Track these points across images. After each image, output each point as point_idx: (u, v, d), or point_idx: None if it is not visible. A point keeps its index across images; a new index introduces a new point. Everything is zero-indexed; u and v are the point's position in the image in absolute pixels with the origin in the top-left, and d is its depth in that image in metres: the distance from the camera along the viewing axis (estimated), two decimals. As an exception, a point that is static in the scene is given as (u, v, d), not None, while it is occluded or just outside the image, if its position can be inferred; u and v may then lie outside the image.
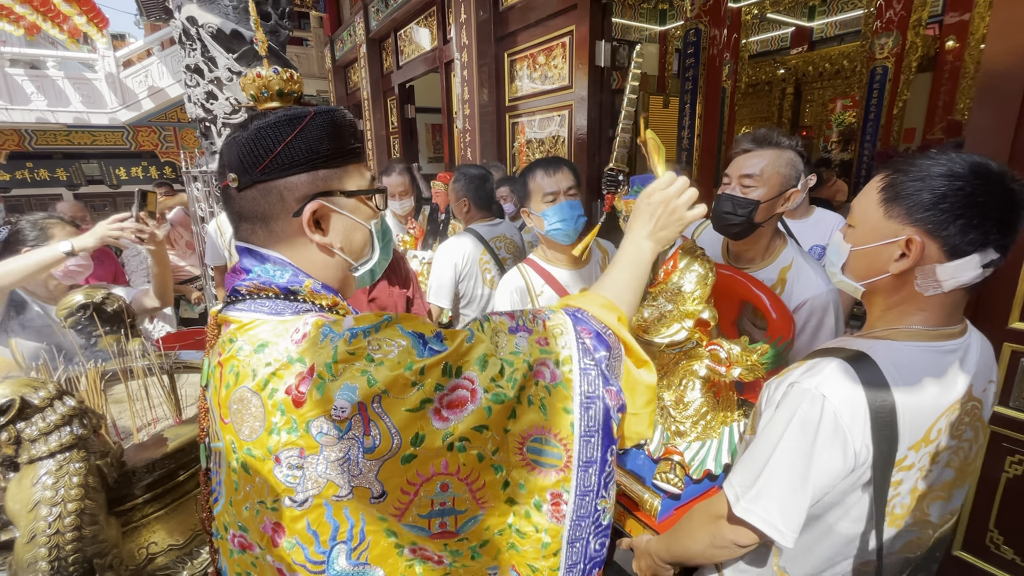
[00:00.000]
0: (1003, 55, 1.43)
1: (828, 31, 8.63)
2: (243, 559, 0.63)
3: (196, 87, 3.09)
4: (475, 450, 0.58)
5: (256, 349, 0.59)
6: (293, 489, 0.56)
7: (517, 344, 0.62)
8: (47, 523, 0.79)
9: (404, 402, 0.55)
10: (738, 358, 1.00)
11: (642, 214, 0.82)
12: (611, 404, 0.64)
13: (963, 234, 0.71)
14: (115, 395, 1.40)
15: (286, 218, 0.66)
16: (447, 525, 0.60)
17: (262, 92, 0.72)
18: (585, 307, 0.71)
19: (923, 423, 0.76)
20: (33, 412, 0.81)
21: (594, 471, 0.64)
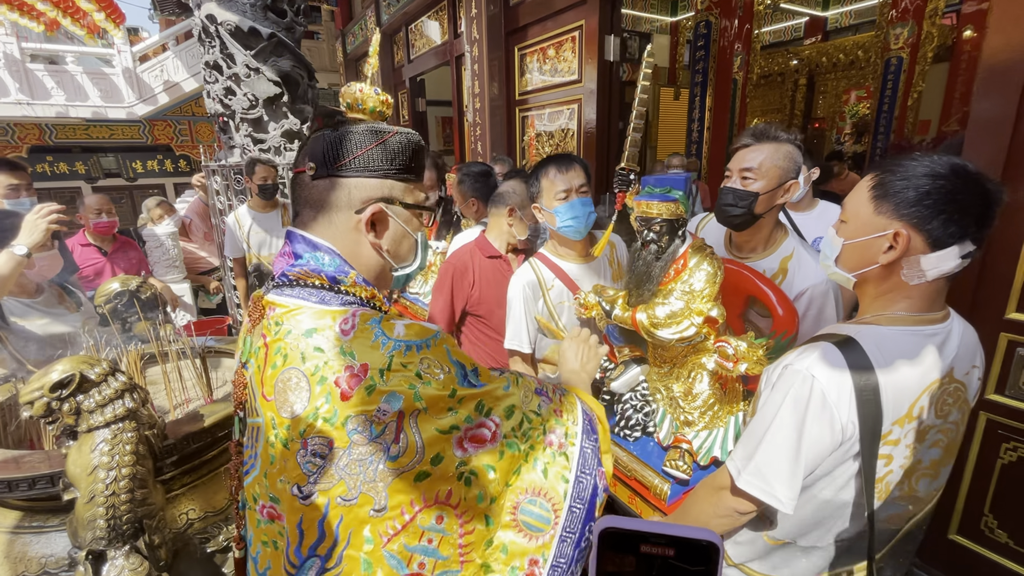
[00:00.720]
0: (1003, 50, 1.46)
1: (843, 21, 8.50)
2: (270, 528, 0.67)
3: (215, 83, 3.18)
4: (478, 490, 0.64)
5: (305, 334, 0.64)
6: (305, 478, 0.60)
7: (540, 406, 0.71)
8: (104, 485, 0.88)
9: (437, 423, 0.62)
10: (745, 354, 1.05)
11: (569, 357, 1.00)
12: (599, 484, 0.73)
13: (945, 227, 0.78)
14: (150, 377, 1.50)
15: (348, 213, 0.72)
16: (425, 567, 0.63)
17: (357, 104, 0.82)
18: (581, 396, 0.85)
19: (905, 400, 0.82)
20: (90, 386, 0.90)
21: (571, 543, 0.70)
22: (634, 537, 0.31)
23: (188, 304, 3.62)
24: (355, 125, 0.73)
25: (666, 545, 0.30)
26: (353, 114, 0.82)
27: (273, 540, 0.67)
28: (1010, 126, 1.47)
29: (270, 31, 3.11)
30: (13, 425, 1.21)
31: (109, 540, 0.89)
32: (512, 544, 0.67)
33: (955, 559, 1.79)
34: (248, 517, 0.72)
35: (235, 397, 0.75)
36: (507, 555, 0.67)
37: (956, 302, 1.58)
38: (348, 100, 0.82)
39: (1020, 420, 1.58)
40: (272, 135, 3.28)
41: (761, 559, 0.97)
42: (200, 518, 1.12)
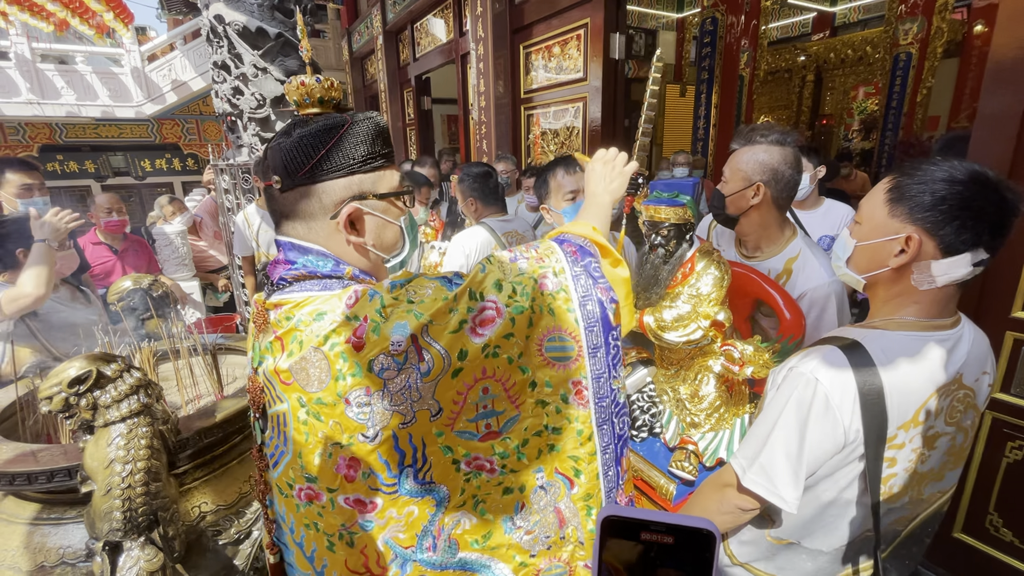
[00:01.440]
0: (1010, 47, 1.46)
1: (851, 16, 8.42)
2: (310, 511, 0.71)
3: (223, 83, 3.21)
4: (505, 354, 0.70)
5: (315, 318, 0.67)
6: (364, 425, 0.65)
7: (520, 267, 0.74)
8: (120, 478, 0.90)
9: (447, 327, 0.67)
10: (751, 357, 1.06)
11: (595, 178, 0.98)
12: (603, 298, 0.76)
13: (958, 234, 0.77)
14: (162, 373, 1.53)
15: (324, 218, 0.73)
16: (491, 426, 0.72)
17: (304, 99, 0.78)
18: (565, 231, 0.87)
19: (911, 405, 0.82)
20: (106, 382, 0.92)
21: (602, 355, 0.76)
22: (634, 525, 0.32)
23: (197, 301, 3.66)
24: (307, 126, 0.71)
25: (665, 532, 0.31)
26: (305, 110, 0.78)
27: (314, 522, 0.71)
28: (1017, 123, 1.47)
29: (277, 31, 3.13)
30: (31, 420, 1.24)
31: (125, 531, 0.92)
32: (552, 377, 0.74)
33: (960, 558, 1.79)
34: (286, 507, 0.75)
35: (252, 402, 0.77)
36: (552, 387, 0.74)
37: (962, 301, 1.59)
38: (295, 98, 0.78)
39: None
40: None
41: (767, 559, 0.98)
42: (212, 511, 1.15)
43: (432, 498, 0.71)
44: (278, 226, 0.77)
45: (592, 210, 0.94)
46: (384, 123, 0.78)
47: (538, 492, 0.77)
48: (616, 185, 0.97)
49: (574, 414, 0.76)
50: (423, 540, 0.71)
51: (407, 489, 0.69)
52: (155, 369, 1.43)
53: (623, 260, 0.85)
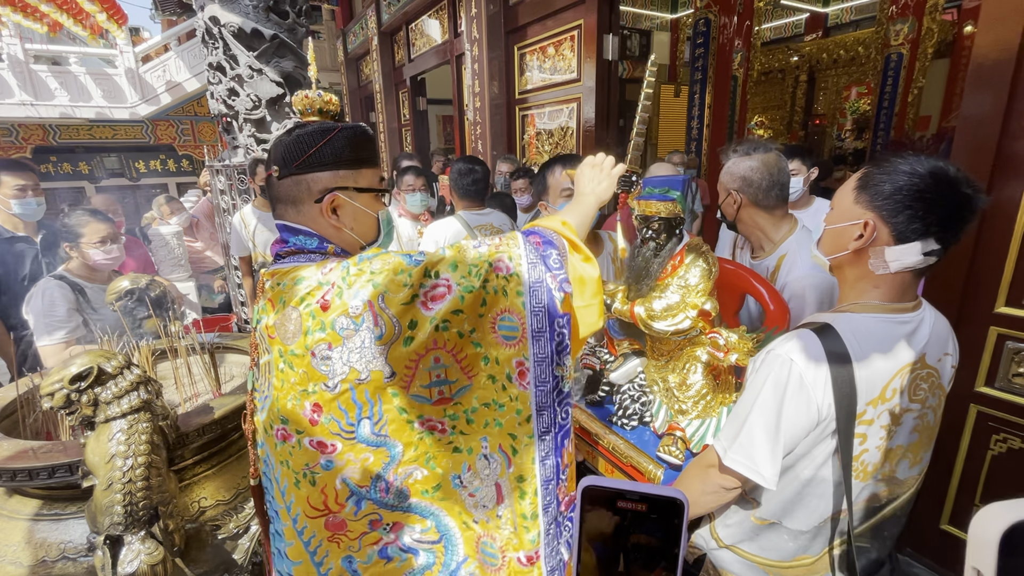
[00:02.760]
0: (992, 48, 1.49)
1: (843, 17, 8.49)
2: (283, 448, 0.80)
3: (219, 84, 3.22)
4: (455, 328, 0.77)
5: (296, 282, 0.78)
6: (326, 376, 0.74)
7: (479, 252, 0.81)
8: (122, 472, 0.92)
9: (399, 298, 0.74)
10: (735, 345, 1.10)
11: (582, 179, 1.05)
12: (552, 285, 0.81)
13: (909, 223, 0.83)
14: (160, 372, 1.54)
15: (310, 203, 0.86)
16: (444, 392, 0.79)
17: (307, 108, 0.92)
18: (535, 224, 0.93)
19: (878, 382, 0.87)
20: (107, 379, 0.94)
21: (545, 340, 0.81)
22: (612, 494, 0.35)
23: (193, 302, 3.67)
24: (306, 128, 0.85)
25: (639, 501, 0.34)
26: (306, 118, 0.92)
27: (285, 460, 0.80)
28: (998, 123, 1.51)
29: (272, 32, 3.14)
30: (31, 418, 1.25)
31: (126, 525, 0.93)
32: (500, 353, 0.80)
33: (947, 548, 1.83)
34: (268, 446, 0.83)
35: (251, 354, 0.90)
36: (500, 364, 0.81)
37: (947, 297, 1.63)
38: (299, 108, 0.92)
39: (1009, 412, 1.62)
40: (275, 135, 3.32)
41: (750, 540, 1.01)
42: (212, 505, 1.17)
43: (387, 450, 0.78)
44: (275, 210, 0.90)
45: (574, 208, 1.00)
46: (369, 132, 0.91)
47: (482, 460, 0.83)
48: (603, 187, 1.03)
49: (515, 393, 0.81)
50: (376, 483, 0.79)
51: (363, 437, 0.77)
52: (154, 368, 1.45)
53: (592, 258, 0.89)
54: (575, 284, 0.85)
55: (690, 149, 5.52)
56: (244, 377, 1.54)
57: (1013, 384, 1.61)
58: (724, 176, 1.51)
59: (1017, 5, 1.43)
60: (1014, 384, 1.61)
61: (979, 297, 1.62)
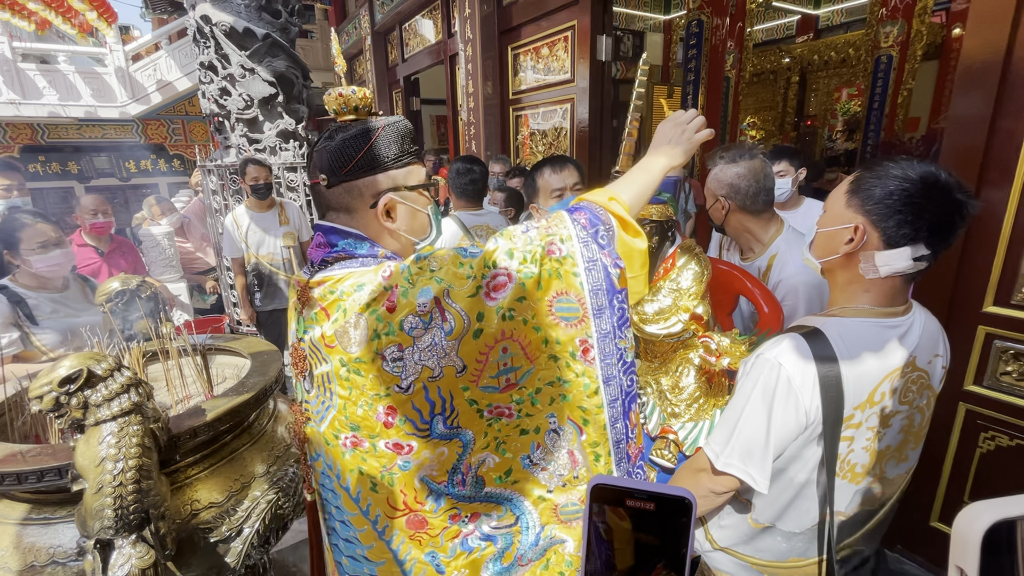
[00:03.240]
0: (980, 51, 1.51)
1: (834, 19, 8.56)
2: (355, 456, 0.81)
3: (210, 83, 3.20)
4: (520, 316, 0.78)
5: (356, 289, 0.78)
6: (399, 378, 0.75)
7: (530, 238, 0.81)
8: (112, 476, 0.91)
9: (464, 290, 0.75)
10: (727, 349, 1.10)
11: (660, 134, 0.97)
12: (607, 263, 0.81)
13: (898, 227, 0.83)
14: (151, 374, 1.53)
15: (364, 209, 0.85)
16: (510, 379, 0.80)
17: (342, 107, 0.87)
18: (582, 198, 0.90)
19: (866, 386, 0.88)
20: (97, 381, 0.93)
21: (606, 316, 0.81)
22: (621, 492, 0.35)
23: (184, 303, 3.64)
24: (346, 131, 0.83)
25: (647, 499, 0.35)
26: (342, 117, 0.88)
27: (358, 467, 0.81)
28: (987, 124, 1.53)
29: (265, 32, 3.13)
30: (19, 421, 1.24)
31: (117, 529, 0.92)
32: (560, 334, 0.80)
33: (937, 546, 1.85)
34: (333, 456, 0.84)
35: (296, 367, 0.88)
36: (561, 344, 0.81)
37: (936, 297, 1.65)
38: (335, 106, 0.88)
39: (997, 410, 1.64)
40: (267, 135, 3.30)
41: (745, 543, 1.02)
42: (204, 508, 1.15)
43: (459, 440, 0.80)
44: (323, 216, 0.89)
45: (632, 174, 0.94)
46: (410, 125, 0.88)
47: (551, 434, 0.84)
48: (680, 149, 0.93)
49: (581, 369, 0.82)
50: (453, 476, 0.81)
51: (438, 432, 0.78)
52: (144, 370, 1.43)
53: (641, 232, 0.87)
54: (624, 259, 0.84)
55: (683, 150, 5.55)
56: (236, 379, 1.53)
57: (1001, 382, 1.63)
58: (712, 183, 1.54)
59: (1004, 8, 1.45)
60: (1002, 382, 1.63)
61: (967, 296, 1.64)
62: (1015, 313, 1.56)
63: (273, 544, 1.29)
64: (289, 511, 1.31)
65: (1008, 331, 1.58)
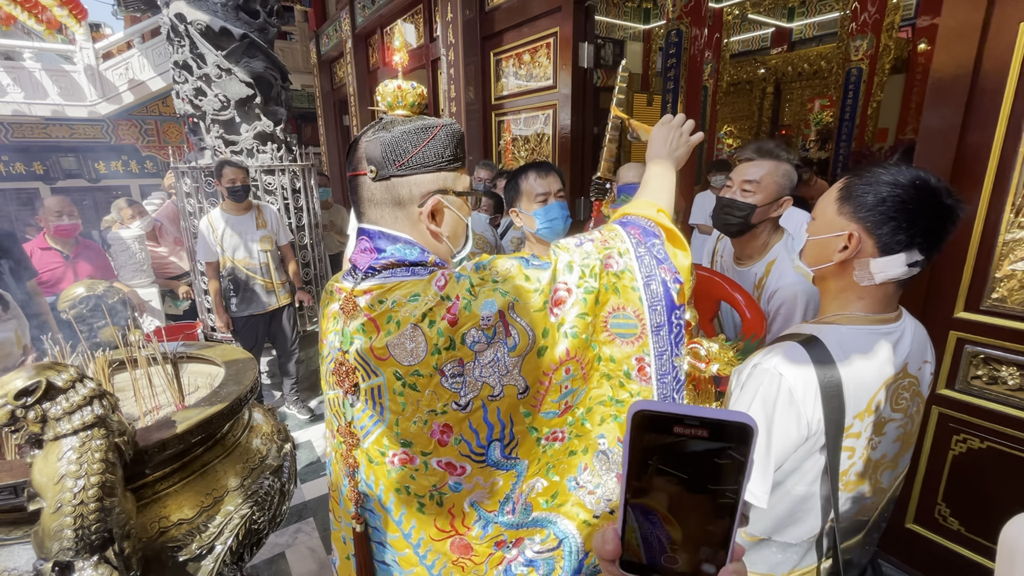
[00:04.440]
0: (949, 65, 1.56)
1: (807, 32, 8.83)
2: (402, 474, 0.77)
3: (185, 84, 3.11)
4: (583, 334, 0.75)
5: (411, 299, 0.73)
6: (457, 394, 0.71)
7: (586, 251, 0.78)
8: (72, 494, 0.86)
9: (532, 305, 0.72)
10: (716, 355, 1.09)
11: (659, 142, 0.97)
12: (667, 278, 0.79)
13: (893, 234, 0.83)
14: (118, 384, 1.46)
15: (411, 207, 0.80)
16: (569, 402, 0.77)
17: (398, 101, 0.85)
18: (628, 212, 0.88)
19: (865, 395, 0.87)
20: (57, 393, 0.88)
21: (664, 333, 0.78)
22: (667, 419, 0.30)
23: (156, 309, 3.52)
24: (404, 124, 0.79)
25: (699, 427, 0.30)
26: (394, 111, 0.85)
27: (405, 485, 0.77)
28: (956, 136, 1.57)
29: (242, 32, 3.06)
30: (-28, 435, 1.17)
31: (77, 550, 0.87)
32: (615, 351, 0.78)
33: (912, 547, 1.88)
34: (375, 475, 0.80)
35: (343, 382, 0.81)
36: (615, 362, 0.78)
37: (909, 302, 1.68)
38: (389, 99, 0.85)
39: (969, 413, 1.68)
40: (244, 137, 3.22)
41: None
42: (174, 524, 1.10)
43: (515, 471, 0.77)
44: (363, 214, 0.83)
45: (656, 181, 0.92)
46: (462, 130, 0.85)
47: (600, 456, 0.81)
48: (681, 152, 0.95)
49: (636, 389, 0.79)
50: (504, 505, 0.78)
51: (494, 461, 0.75)
52: (111, 380, 1.37)
53: (687, 246, 0.85)
54: None
55: (663, 157, 5.63)
56: (209, 388, 1.47)
57: (972, 386, 1.67)
58: (783, 178, 1.42)
59: (971, 25, 1.50)
60: (973, 386, 1.67)
61: (939, 302, 1.69)
62: (985, 319, 1.61)
63: (247, 560, 1.24)
64: (264, 525, 1.26)
65: (978, 336, 1.63)
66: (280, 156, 3.30)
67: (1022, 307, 1.54)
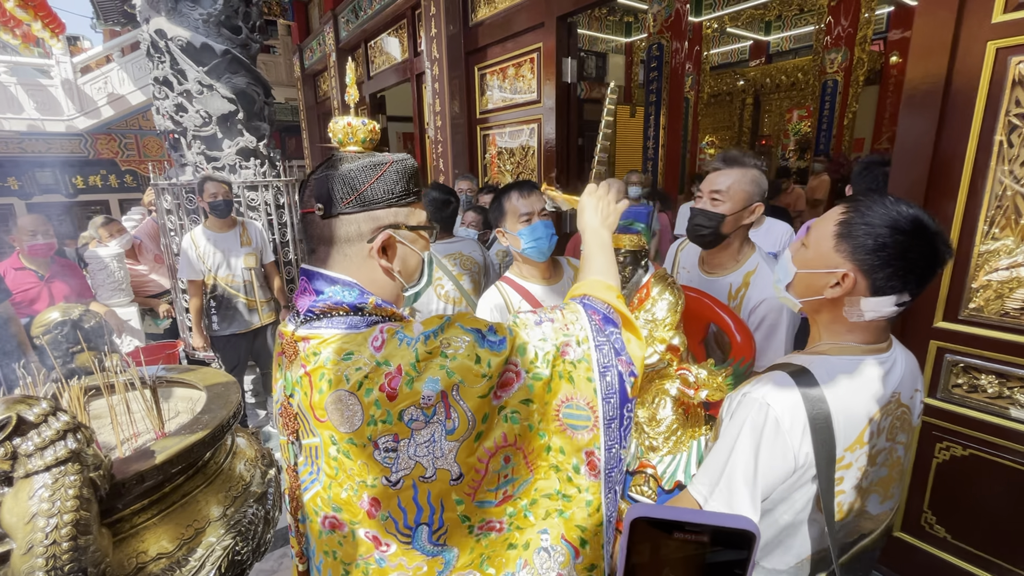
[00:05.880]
0: (922, 80, 1.61)
1: (783, 45, 9.07)
2: (331, 538, 0.75)
3: (165, 99, 3.07)
4: (526, 421, 0.72)
5: (343, 358, 0.71)
6: (389, 469, 0.69)
7: (544, 333, 0.76)
8: (44, 534, 0.82)
9: (477, 390, 0.69)
10: (705, 381, 1.09)
11: (589, 212, 0.99)
12: (623, 370, 0.77)
13: (888, 279, 0.83)
14: (94, 411, 1.41)
15: (360, 244, 0.79)
16: (508, 492, 0.74)
17: (348, 137, 0.86)
18: (590, 292, 0.86)
19: (856, 427, 0.86)
20: (29, 428, 0.84)
21: (616, 426, 0.77)
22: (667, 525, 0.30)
23: (135, 329, 3.44)
24: (353, 161, 0.79)
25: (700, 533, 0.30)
26: (346, 148, 0.85)
27: (333, 550, 0.75)
28: (930, 149, 1.61)
29: (224, 48, 3.04)
30: (-62, 471, 1.11)
31: (49, 593, 0.83)
32: (566, 444, 0.76)
33: (899, 555, 1.90)
34: (310, 531, 0.79)
35: (287, 427, 0.81)
36: (565, 454, 0.76)
37: (891, 312, 1.71)
38: (339, 136, 0.85)
39: (951, 421, 1.71)
40: (227, 153, 3.19)
41: None
42: (152, 559, 1.06)
43: (443, 558, 0.73)
44: (313, 252, 0.82)
45: (600, 256, 0.93)
46: (416, 165, 0.84)
47: (541, 553, 0.77)
48: (612, 220, 0.98)
49: (584, 484, 0.77)
50: None
51: (420, 545, 0.72)
52: (86, 408, 1.33)
53: (641, 333, 0.85)
54: None
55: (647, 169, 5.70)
56: (190, 413, 1.44)
57: (952, 395, 1.70)
58: (750, 185, 1.43)
59: (940, 42, 1.55)
60: (954, 394, 1.70)
61: (919, 312, 1.72)
62: (963, 328, 1.64)
63: (230, 593, 1.20)
64: (248, 556, 1.22)
65: (957, 345, 1.66)
66: (263, 172, 3.27)
67: (998, 317, 1.57)
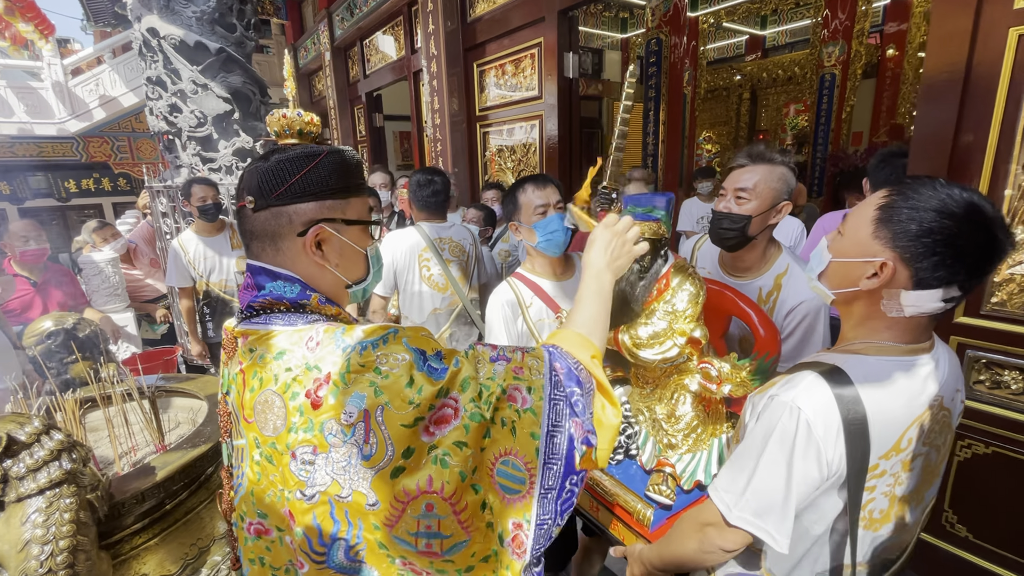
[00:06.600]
0: (941, 70, 1.56)
1: (780, 39, 9.03)
2: (257, 545, 0.70)
3: (159, 99, 3.01)
4: (458, 468, 0.62)
5: (276, 356, 0.67)
6: (304, 483, 0.64)
7: (495, 370, 0.67)
8: (39, 562, 0.77)
9: (401, 417, 0.61)
10: (728, 375, 1.04)
11: (598, 248, 0.89)
12: (575, 435, 0.67)
13: (934, 269, 0.73)
14: (91, 423, 1.36)
15: (292, 238, 0.74)
16: (432, 547, 0.64)
17: (284, 130, 0.82)
18: (562, 344, 0.76)
19: (893, 433, 0.80)
20: (20, 448, 0.79)
21: (553, 498, 0.67)
22: None
23: (131, 335, 3.37)
24: (286, 152, 0.74)
25: None
26: (284, 140, 0.82)
27: (260, 556, 0.71)
28: (950, 139, 1.57)
29: (218, 46, 2.97)
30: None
31: (45, 624, 0.78)
32: (497, 506, 0.66)
33: (920, 555, 1.86)
34: (238, 536, 0.74)
35: (221, 426, 0.78)
36: (495, 514, 0.67)
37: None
38: (275, 128, 0.82)
39: (973, 418, 1.67)
40: (223, 153, 3.12)
41: None
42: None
43: None
44: (248, 247, 0.78)
45: (592, 305, 0.84)
46: (358, 157, 0.79)
47: None
48: (622, 263, 0.89)
49: (506, 561, 0.67)
50: None
51: (336, 562, 0.65)
52: (82, 421, 1.27)
53: (618, 403, 0.75)
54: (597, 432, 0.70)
55: (647, 164, 5.65)
56: (192, 424, 1.38)
57: (975, 391, 1.66)
58: (778, 182, 1.34)
59: (961, 30, 1.51)
60: (976, 391, 1.66)
61: (940, 308, 1.67)
62: (985, 323, 1.60)
63: (236, 614, 1.15)
64: (254, 573, 1.17)
65: (980, 340, 1.62)
66: (260, 172, 3.21)
67: (1022, 311, 1.53)
